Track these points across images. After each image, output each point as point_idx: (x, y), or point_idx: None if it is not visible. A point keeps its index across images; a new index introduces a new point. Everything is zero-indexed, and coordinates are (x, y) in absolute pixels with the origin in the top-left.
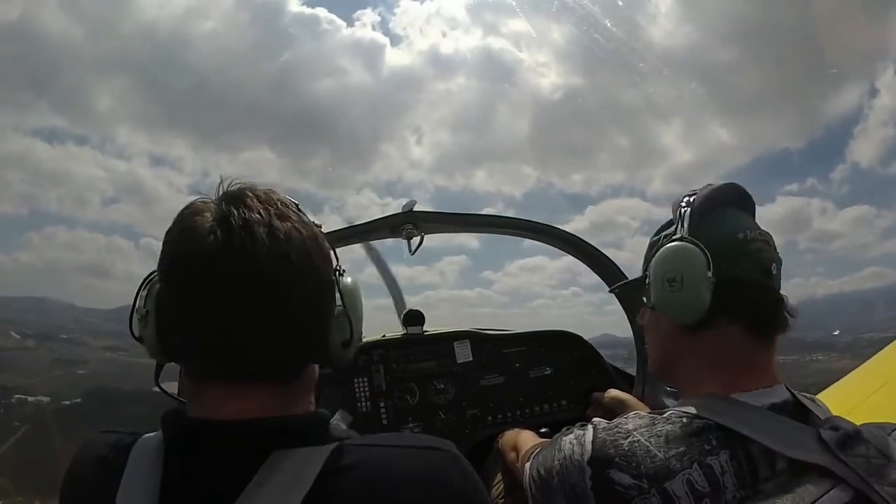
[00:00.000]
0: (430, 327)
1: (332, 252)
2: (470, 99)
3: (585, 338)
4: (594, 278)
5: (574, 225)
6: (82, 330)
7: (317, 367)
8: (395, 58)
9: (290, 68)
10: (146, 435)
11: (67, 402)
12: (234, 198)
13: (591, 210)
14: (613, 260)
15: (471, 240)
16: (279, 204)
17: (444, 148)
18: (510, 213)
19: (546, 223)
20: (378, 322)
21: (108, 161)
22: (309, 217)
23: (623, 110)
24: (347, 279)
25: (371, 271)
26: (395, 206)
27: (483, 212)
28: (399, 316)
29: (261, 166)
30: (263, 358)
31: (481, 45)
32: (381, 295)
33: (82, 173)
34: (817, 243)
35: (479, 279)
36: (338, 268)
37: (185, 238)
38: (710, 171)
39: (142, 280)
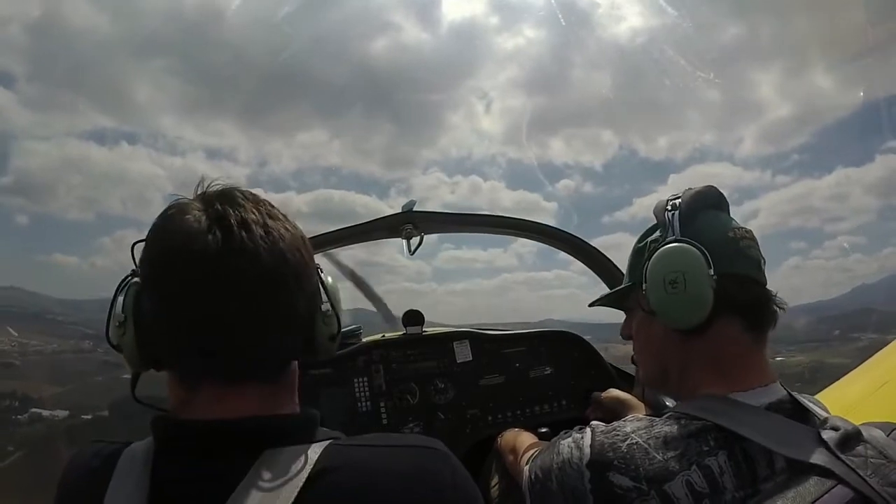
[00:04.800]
0: (432, 327)
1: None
2: (540, 54)
3: None
4: None
5: (657, 196)
6: None
7: (296, 364)
8: (453, 8)
9: (337, 29)
10: (135, 443)
11: (88, 416)
12: (225, 196)
13: (674, 179)
14: (613, 260)
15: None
16: (268, 204)
17: (516, 115)
18: (588, 187)
19: (545, 223)
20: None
21: (164, 158)
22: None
23: (714, 55)
24: (329, 277)
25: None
26: (465, 186)
27: (560, 186)
28: (387, 322)
29: (319, 149)
30: (262, 356)
31: None
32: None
33: (140, 172)
34: None
35: (557, 260)
36: (318, 265)
37: (179, 238)
38: (805, 127)
39: (118, 284)
